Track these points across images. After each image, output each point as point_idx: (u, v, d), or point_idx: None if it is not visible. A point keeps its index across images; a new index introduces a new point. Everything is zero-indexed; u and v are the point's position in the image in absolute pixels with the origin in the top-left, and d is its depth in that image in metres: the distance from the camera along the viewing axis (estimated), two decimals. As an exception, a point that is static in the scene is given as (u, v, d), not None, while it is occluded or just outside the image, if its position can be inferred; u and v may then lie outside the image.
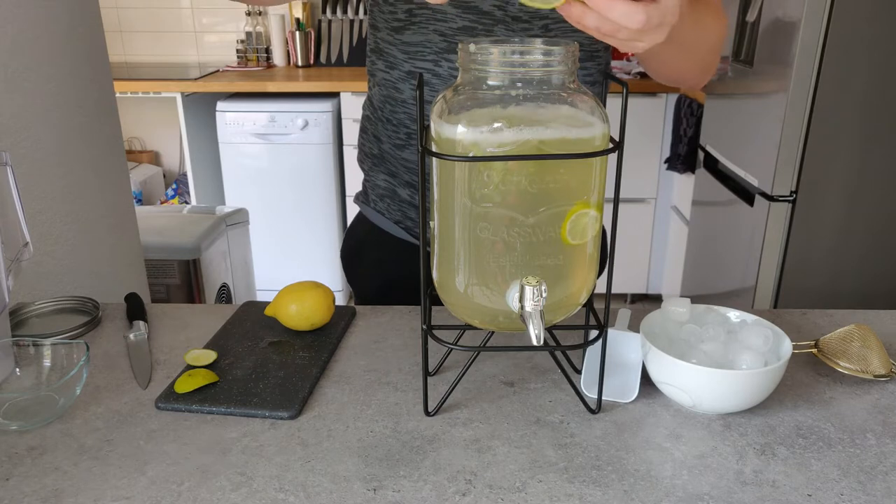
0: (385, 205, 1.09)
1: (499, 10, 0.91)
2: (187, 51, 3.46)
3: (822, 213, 1.96)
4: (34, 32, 1.17)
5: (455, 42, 0.92)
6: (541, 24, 0.92)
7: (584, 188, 0.66)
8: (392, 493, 0.64)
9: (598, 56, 0.98)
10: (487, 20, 0.92)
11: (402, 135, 1.01)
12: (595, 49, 0.97)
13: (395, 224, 1.08)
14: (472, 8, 0.91)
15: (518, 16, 0.92)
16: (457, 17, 0.92)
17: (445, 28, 0.92)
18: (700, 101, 2.55)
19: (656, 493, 0.63)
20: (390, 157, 1.05)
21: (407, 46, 0.95)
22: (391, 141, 1.03)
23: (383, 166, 1.07)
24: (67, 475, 0.66)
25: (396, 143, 1.02)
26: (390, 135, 1.03)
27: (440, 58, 0.94)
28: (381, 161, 1.07)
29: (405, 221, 1.07)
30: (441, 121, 0.65)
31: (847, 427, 0.73)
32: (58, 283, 1.22)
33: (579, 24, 0.65)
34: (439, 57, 0.94)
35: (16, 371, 0.80)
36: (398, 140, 1.02)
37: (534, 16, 0.92)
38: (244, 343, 0.88)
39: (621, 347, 0.81)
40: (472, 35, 0.93)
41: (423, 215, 0.69)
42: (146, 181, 3.36)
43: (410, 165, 1.03)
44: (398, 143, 1.02)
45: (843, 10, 1.77)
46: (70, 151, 1.27)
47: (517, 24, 0.92)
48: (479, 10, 0.91)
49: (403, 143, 1.01)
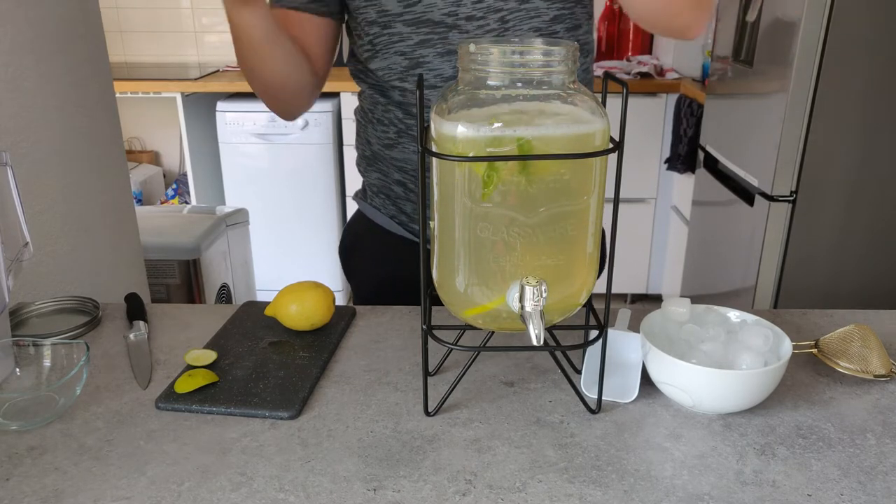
0: (380, 201, 1.11)
1: (450, 18, 0.93)
2: (187, 51, 3.46)
3: (822, 213, 1.96)
4: (34, 32, 1.17)
5: (415, 58, 0.96)
6: (496, 17, 0.93)
7: (584, 188, 0.66)
8: (392, 493, 0.64)
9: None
10: (442, 28, 0.94)
11: (392, 134, 1.04)
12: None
13: (391, 219, 1.10)
14: (425, 21, 0.94)
15: (472, 14, 0.93)
16: (412, 34, 0.95)
17: (404, 47, 0.96)
18: (700, 101, 2.55)
19: (656, 493, 0.63)
20: (381, 157, 1.08)
21: (376, 73, 1.00)
22: (380, 142, 1.06)
23: (375, 165, 1.10)
24: (67, 475, 0.66)
25: (385, 143, 1.05)
26: (379, 136, 1.06)
27: (405, 75, 0.97)
28: (374, 160, 1.10)
29: (399, 216, 1.09)
30: (441, 120, 0.65)
31: (847, 427, 0.73)
32: (58, 283, 1.22)
33: None
34: (404, 75, 0.97)
35: (16, 371, 0.80)
36: (387, 140, 1.05)
37: (488, 10, 0.92)
38: (244, 343, 0.88)
39: (621, 347, 0.81)
40: (430, 47, 0.95)
41: (423, 215, 0.69)
42: (146, 181, 3.36)
43: (399, 164, 1.05)
44: (387, 143, 1.05)
45: (843, 10, 1.77)
46: (70, 151, 1.27)
47: (472, 24, 0.93)
48: (431, 21, 0.94)
49: (392, 143, 1.04)
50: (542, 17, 0.93)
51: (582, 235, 0.68)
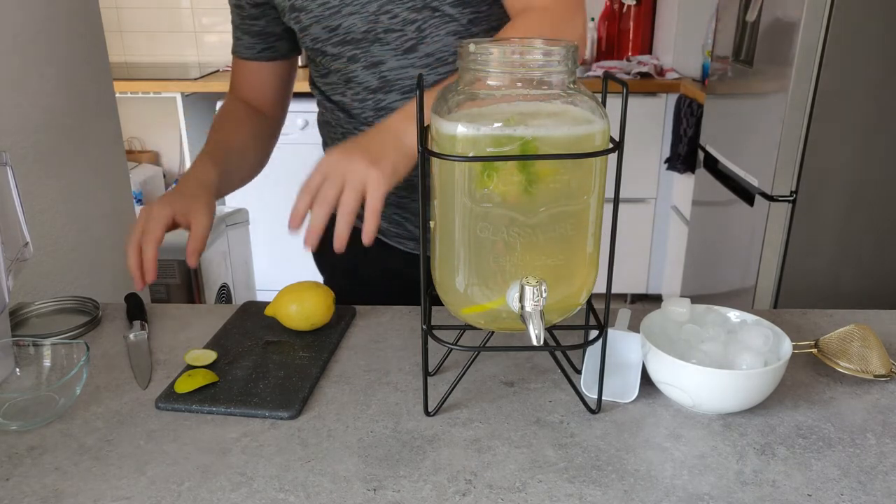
0: None
1: (370, 34, 0.99)
2: (187, 51, 3.46)
3: (822, 213, 1.96)
4: (34, 32, 1.17)
5: (347, 73, 1.03)
6: (413, 27, 0.98)
7: (584, 188, 0.66)
8: (392, 493, 0.64)
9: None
10: (365, 44, 1.00)
11: (338, 135, 1.12)
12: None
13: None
14: (349, 41, 1.00)
15: (389, 28, 0.98)
16: (341, 53, 1.02)
17: (339, 65, 1.04)
18: (700, 101, 2.55)
19: (656, 493, 0.63)
20: None
21: (321, 88, 1.11)
22: (333, 143, 1.14)
23: None
24: (67, 475, 0.66)
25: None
26: (332, 138, 1.15)
27: (345, 90, 1.06)
28: None
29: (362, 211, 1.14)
30: (441, 120, 0.65)
31: (847, 427, 0.73)
32: (58, 283, 1.22)
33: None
34: (344, 90, 1.06)
35: (16, 371, 0.80)
36: (337, 142, 1.12)
37: (404, 23, 0.97)
38: (244, 343, 0.88)
39: (621, 347, 0.81)
40: (357, 62, 1.02)
41: (424, 215, 0.69)
42: (146, 181, 3.35)
43: None
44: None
45: (843, 10, 1.77)
46: (70, 151, 1.27)
47: (391, 36, 0.99)
48: (354, 38, 1.00)
49: None
50: (457, 21, 0.98)
51: (582, 235, 0.68)
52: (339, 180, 0.80)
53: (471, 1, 0.97)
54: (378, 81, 1.02)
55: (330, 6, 0.98)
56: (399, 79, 1.01)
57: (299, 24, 1.02)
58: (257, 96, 1.17)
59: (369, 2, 0.96)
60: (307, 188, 0.82)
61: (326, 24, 1.00)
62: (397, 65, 1.00)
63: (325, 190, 0.80)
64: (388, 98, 1.03)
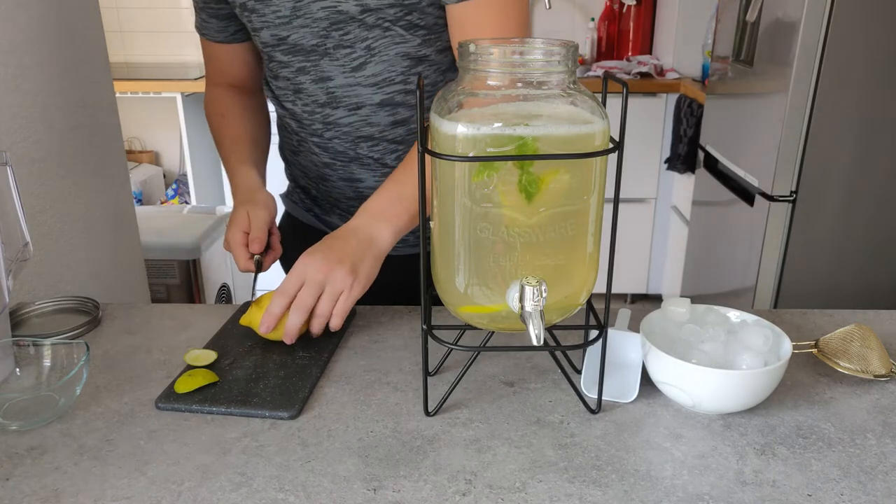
0: (298, 196, 1.24)
1: (320, 47, 0.99)
2: (187, 51, 3.46)
3: (822, 213, 1.96)
4: (34, 32, 1.17)
5: (297, 83, 1.04)
6: (363, 45, 0.98)
7: (584, 188, 0.66)
8: (392, 493, 0.64)
9: (428, 59, 1.01)
10: (315, 56, 1.00)
11: (294, 142, 1.14)
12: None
13: (307, 212, 1.23)
14: (299, 51, 1.00)
15: (339, 44, 0.98)
16: (291, 61, 1.02)
17: (288, 73, 1.04)
18: (700, 101, 2.55)
19: (656, 493, 0.63)
20: (292, 161, 1.21)
21: (273, 91, 1.10)
22: (288, 147, 1.18)
23: (289, 170, 1.25)
24: (67, 475, 0.66)
25: (291, 150, 1.18)
26: (286, 142, 1.18)
27: (294, 99, 1.06)
28: (289, 164, 1.24)
29: (314, 209, 1.22)
30: (441, 120, 0.65)
31: (847, 427, 0.73)
32: (58, 283, 1.22)
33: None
34: (293, 98, 1.06)
35: (16, 371, 0.80)
36: (291, 147, 1.17)
37: (354, 40, 0.97)
38: (244, 343, 0.88)
39: (621, 347, 0.81)
40: (306, 74, 1.02)
41: (423, 215, 0.69)
42: (146, 181, 3.36)
43: (302, 169, 1.18)
44: (292, 150, 1.18)
45: (843, 10, 1.77)
46: (70, 151, 1.27)
47: (340, 52, 0.99)
48: (305, 49, 1.00)
49: (295, 150, 1.16)
50: (408, 42, 0.98)
51: (582, 235, 0.68)
52: (317, 288, 0.85)
53: (423, 24, 0.96)
54: (326, 97, 1.02)
55: (281, 15, 0.98)
56: (346, 96, 1.01)
57: (250, 23, 1.02)
58: (239, 75, 1.17)
59: (322, 17, 0.96)
60: (284, 291, 0.85)
61: (275, 32, 1.00)
62: (345, 82, 1.00)
63: (304, 297, 0.84)
64: (336, 114, 1.03)
